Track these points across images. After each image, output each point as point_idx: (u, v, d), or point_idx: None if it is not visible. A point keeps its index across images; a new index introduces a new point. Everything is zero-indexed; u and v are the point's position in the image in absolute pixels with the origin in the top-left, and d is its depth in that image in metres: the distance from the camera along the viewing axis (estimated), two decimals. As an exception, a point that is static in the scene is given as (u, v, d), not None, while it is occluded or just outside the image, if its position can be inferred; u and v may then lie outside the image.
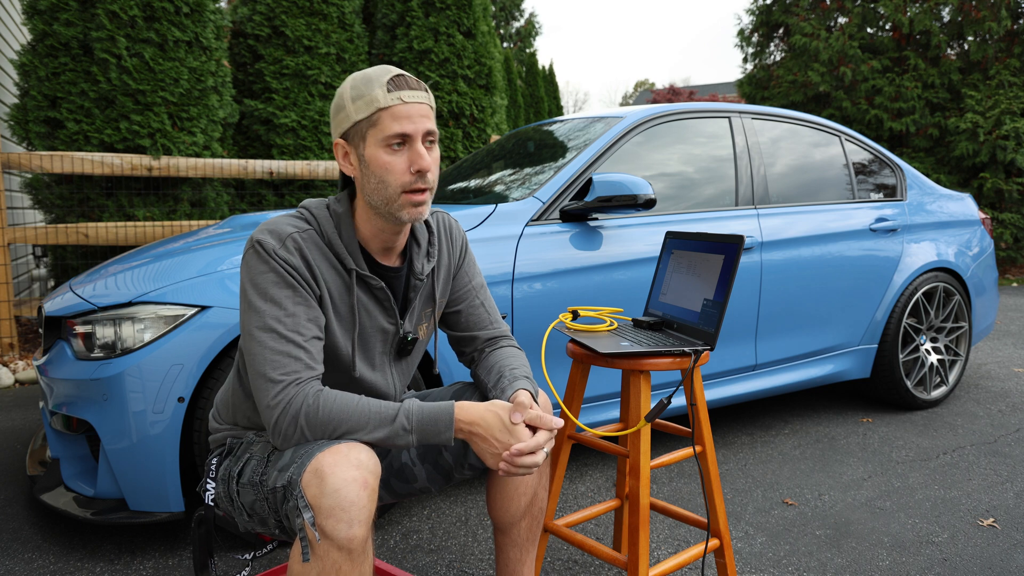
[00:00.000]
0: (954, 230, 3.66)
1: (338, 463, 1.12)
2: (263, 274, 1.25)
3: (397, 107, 1.24)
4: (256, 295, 1.24)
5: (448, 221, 1.53)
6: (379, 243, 1.36)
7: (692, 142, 2.99)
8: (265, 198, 5.84)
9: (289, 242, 1.26)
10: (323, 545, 1.11)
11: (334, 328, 1.33)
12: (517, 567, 1.56)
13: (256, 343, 1.23)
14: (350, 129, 1.28)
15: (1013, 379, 4.00)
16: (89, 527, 2.22)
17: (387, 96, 1.24)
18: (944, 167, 9.23)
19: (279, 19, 5.71)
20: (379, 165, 1.26)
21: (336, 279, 1.32)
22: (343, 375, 1.37)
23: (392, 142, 1.25)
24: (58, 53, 4.48)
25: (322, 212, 1.33)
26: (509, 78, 11.75)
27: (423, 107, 1.27)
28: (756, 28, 11.02)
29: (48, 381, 2.07)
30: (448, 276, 1.51)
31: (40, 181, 4.74)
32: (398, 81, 1.26)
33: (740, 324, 2.88)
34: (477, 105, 6.25)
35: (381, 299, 1.37)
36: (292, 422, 1.20)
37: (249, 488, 1.26)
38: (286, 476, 1.17)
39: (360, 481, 1.12)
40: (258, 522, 1.27)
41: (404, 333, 1.42)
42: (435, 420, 1.24)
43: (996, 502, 2.43)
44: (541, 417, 1.27)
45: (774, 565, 2.02)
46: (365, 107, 1.25)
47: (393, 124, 1.24)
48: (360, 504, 1.11)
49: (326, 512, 1.10)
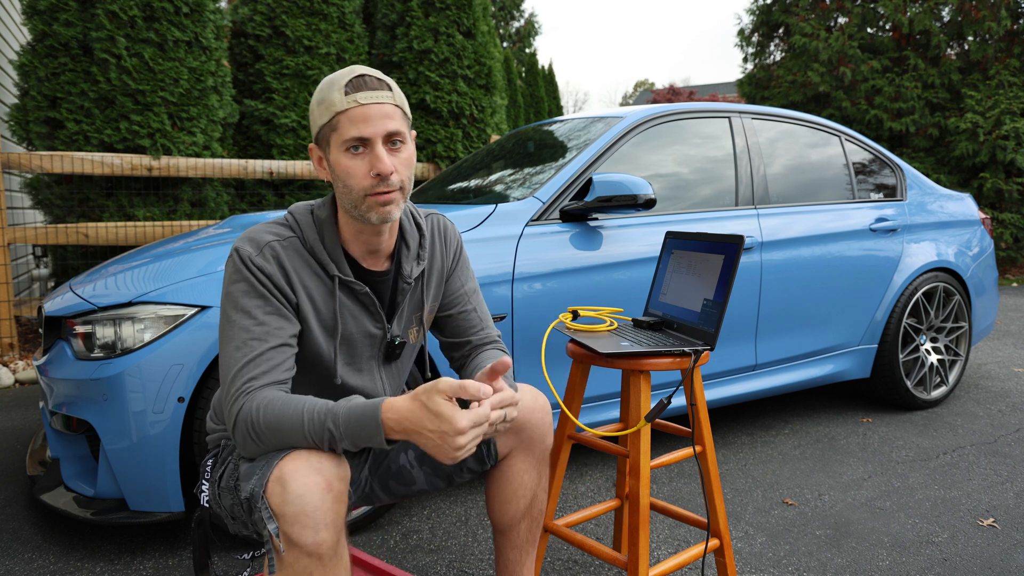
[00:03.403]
0: (954, 230, 3.66)
1: (299, 468, 1.11)
2: (235, 283, 1.24)
3: (353, 110, 1.21)
4: (228, 304, 1.24)
5: (443, 223, 1.50)
6: (362, 247, 1.34)
7: (692, 142, 2.99)
8: (265, 198, 5.84)
9: (267, 250, 1.26)
10: (292, 552, 1.10)
11: (316, 335, 1.31)
12: (517, 568, 1.55)
13: (224, 352, 1.22)
14: (318, 134, 1.27)
15: (1013, 379, 4.00)
16: (89, 527, 2.22)
17: (344, 99, 1.21)
18: (944, 167, 9.23)
19: (279, 19, 5.71)
20: (342, 169, 1.24)
21: (319, 285, 1.31)
22: (326, 381, 1.36)
23: (350, 145, 1.22)
24: (58, 53, 4.48)
25: (305, 218, 1.32)
26: (509, 78, 11.75)
27: (384, 107, 1.23)
28: (756, 28, 11.02)
29: (48, 381, 2.07)
30: (440, 280, 1.49)
31: (40, 181, 4.74)
32: (356, 82, 1.22)
33: (740, 324, 2.88)
34: (477, 105, 6.25)
35: (366, 304, 1.35)
36: (244, 432, 1.18)
37: (227, 493, 1.26)
38: (249, 487, 1.16)
39: (323, 486, 1.11)
40: (241, 525, 1.27)
41: (392, 337, 1.41)
42: (362, 424, 1.13)
43: (996, 502, 2.43)
44: (463, 386, 1.10)
45: (774, 565, 2.02)
46: (326, 111, 1.23)
47: (350, 128, 1.21)
48: (324, 508, 1.10)
49: (290, 519, 1.09)
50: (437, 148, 6.07)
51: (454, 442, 1.09)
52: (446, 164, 6.10)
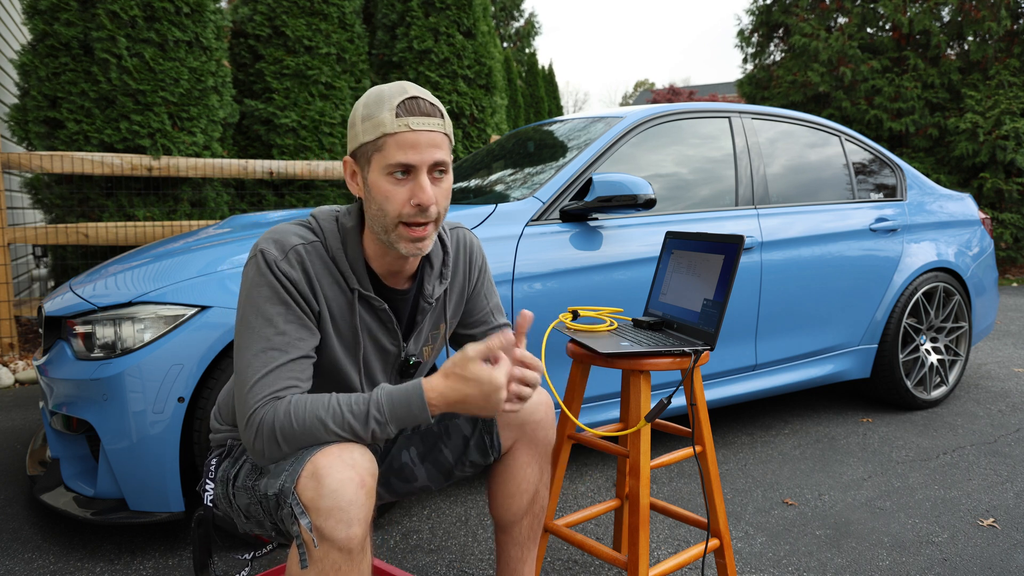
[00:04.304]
0: (954, 230, 3.66)
1: (333, 464, 1.11)
2: (259, 287, 1.21)
3: (404, 135, 1.17)
4: (249, 308, 1.21)
5: (468, 240, 1.46)
6: (384, 266, 1.31)
7: (692, 142, 2.99)
8: (265, 198, 5.84)
9: (292, 254, 1.23)
10: (322, 546, 1.10)
11: (334, 345, 1.30)
12: (518, 566, 1.55)
13: (242, 358, 1.21)
14: (357, 149, 1.22)
15: (1013, 379, 4.00)
16: (89, 527, 2.22)
17: (395, 121, 1.17)
18: (944, 167, 9.23)
19: (279, 19, 5.71)
20: (380, 192, 1.20)
21: (339, 296, 1.28)
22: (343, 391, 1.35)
23: (395, 171, 1.18)
24: (58, 53, 4.48)
25: (330, 225, 1.29)
26: (509, 78, 11.75)
27: (434, 136, 1.19)
28: (756, 28, 11.02)
29: (48, 381, 2.07)
30: (461, 298, 1.46)
31: (40, 181, 4.74)
32: (409, 105, 1.18)
33: (740, 324, 2.88)
34: (477, 105, 6.25)
35: (384, 320, 1.33)
36: (269, 438, 1.17)
37: (244, 492, 1.25)
38: (278, 484, 1.15)
39: (356, 481, 1.11)
40: (255, 524, 1.27)
41: (407, 356, 1.39)
42: (408, 404, 1.17)
43: (996, 502, 2.43)
44: (490, 347, 1.15)
45: (774, 565, 2.02)
46: (372, 130, 1.18)
47: (397, 153, 1.17)
48: (358, 503, 1.11)
49: (324, 513, 1.09)
50: (437, 148, 6.06)
51: (498, 396, 1.16)
52: (446, 164, 6.09)
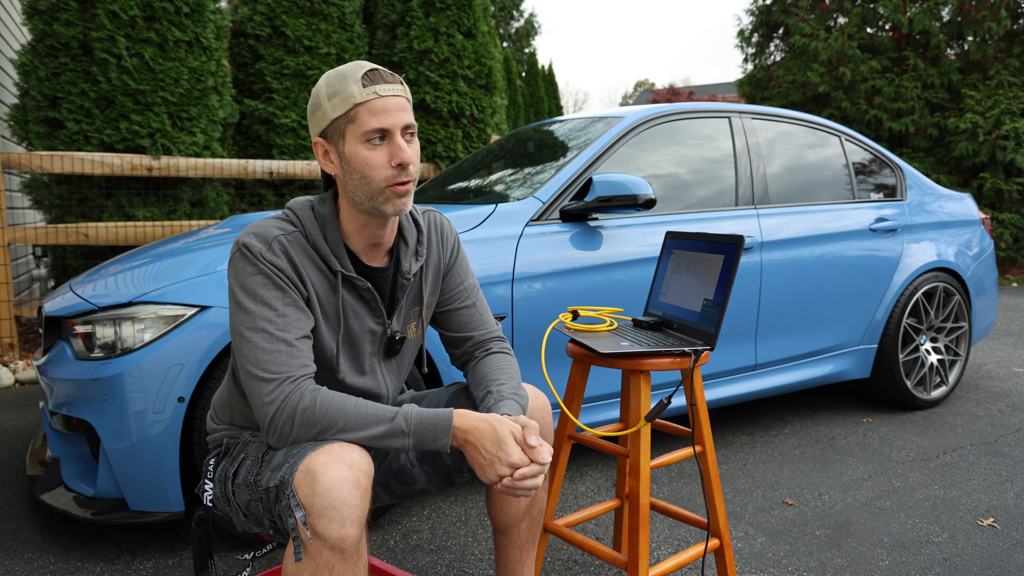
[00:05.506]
0: (954, 230, 3.66)
1: (330, 463, 1.12)
2: (251, 276, 1.25)
3: (374, 101, 1.24)
4: (246, 297, 1.24)
5: (439, 220, 1.52)
6: (365, 241, 1.35)
7: (692, 142, 2.99)
8: (265, 198, 5.84)
9: (275, 244, 1.26)
10: (315, 545, 1.11)
11: (321, 329, 1.33)
12: (517, 568, 1.56)
13: (247, 343, 1.23)
14: (328, 127, 1.27)
15: (1013, 379, 4.00)
16: (89, 527, 2.22)
17: (363, 91, 1.23)
18: (944, 167, 9.23)
19: (279, 19, 5.71)
20: (360, 161, 1.25)
21: (322, 280, 1.32)
22: (328, 376, 1.37)
23: (371, 137, 1.24)
24: (58, 53, 4.48)
25: (306, 213, 1.33)
26: (509, 78, 11.75)
27: (399, 100, 1.26)
28: (756, 28, 11.02)
29: (48, 381, 2.07)
30: (437, 276, 1.50)
31: (39, 181, 4.74)
32: (373, 75, 1.25)
33: (740, 324, 2.88)
34: (477, 105, 6.25)
35: (368, 299, 1.37)
36: (288, 419, 1.20)
37: (244, 488, 1.26)
38: (278, 476, 1.17)
39: (352, 481, 1.12)
40: (254, 522, 1.27)
41: (392, 333, 1.42)
42: (434, 426, 1.23)
43: (996, 502, 2.43)
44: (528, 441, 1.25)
45: (774, 565, 2.02)
46: (342, 103, 1.24)
47: (371, 119, 1.23)
48: (352, 504, 1.11)
49: (318, 512, 1.10)
50: (437, 148, 6.07)
51: (501, 470, 1.22)
52: (446, 164, 6.11)
